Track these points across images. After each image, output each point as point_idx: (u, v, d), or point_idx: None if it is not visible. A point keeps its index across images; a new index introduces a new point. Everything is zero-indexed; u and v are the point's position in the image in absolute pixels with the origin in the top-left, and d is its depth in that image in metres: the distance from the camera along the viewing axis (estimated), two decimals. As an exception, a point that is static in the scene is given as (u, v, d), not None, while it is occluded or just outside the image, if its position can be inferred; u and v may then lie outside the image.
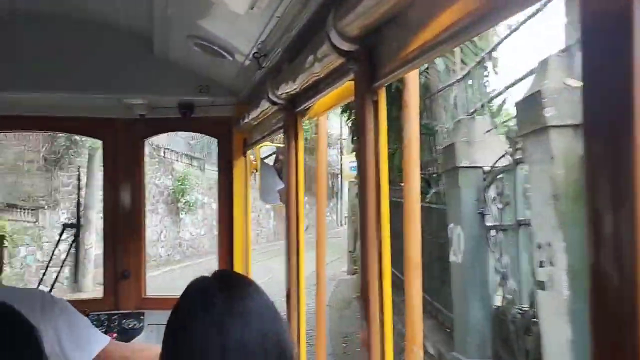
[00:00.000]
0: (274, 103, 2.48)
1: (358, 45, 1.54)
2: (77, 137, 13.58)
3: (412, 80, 1.50)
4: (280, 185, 3.86)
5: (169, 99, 3.41)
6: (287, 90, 2.24)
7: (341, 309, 12.49)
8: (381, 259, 1.52)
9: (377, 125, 1.53)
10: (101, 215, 9.91)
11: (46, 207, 14.37)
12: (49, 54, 3.08)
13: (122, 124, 3.61)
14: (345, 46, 1.56)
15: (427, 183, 8.18)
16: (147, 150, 4.02)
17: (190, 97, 3.37)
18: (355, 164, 10.58)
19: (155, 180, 19.62)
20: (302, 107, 2.29)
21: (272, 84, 2.36)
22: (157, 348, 2.91)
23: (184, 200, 20.81)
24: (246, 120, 3.13)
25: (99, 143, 3.73)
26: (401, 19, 1.32)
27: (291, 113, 2.39)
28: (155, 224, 18.80)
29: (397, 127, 2.01)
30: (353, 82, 1.66)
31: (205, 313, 1.24)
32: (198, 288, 1.33)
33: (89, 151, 13.98)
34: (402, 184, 1.90)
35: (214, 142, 4.25)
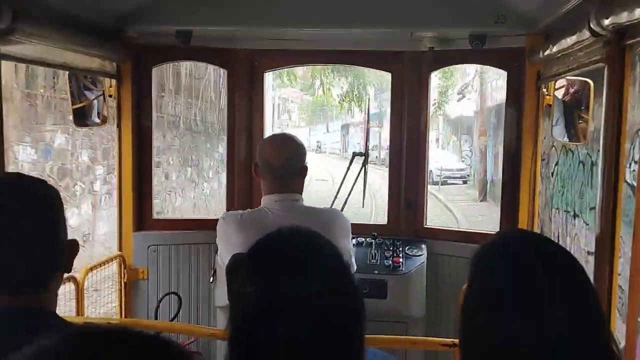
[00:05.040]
0: (595, 34, 2.24)
1: None
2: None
3: None
4: (563, 121, 3.57)
5: (460, 30, 3.34)
6: (620, 21, 1.99)
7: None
8: None
9: None
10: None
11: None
12: None
13: (410, 57, 3.66)
14: None
15: None
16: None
17: (483, 28, 3.24)
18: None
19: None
20: (635, 39, 2.03)
21: (599, 12, 2.12)
22: None
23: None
24: (547, 52, 2.91)
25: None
26: None
27: (616, 46, 2.14)
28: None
29: None
30: None
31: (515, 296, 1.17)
32: (500, 254, 1.24)
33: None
34: None
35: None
